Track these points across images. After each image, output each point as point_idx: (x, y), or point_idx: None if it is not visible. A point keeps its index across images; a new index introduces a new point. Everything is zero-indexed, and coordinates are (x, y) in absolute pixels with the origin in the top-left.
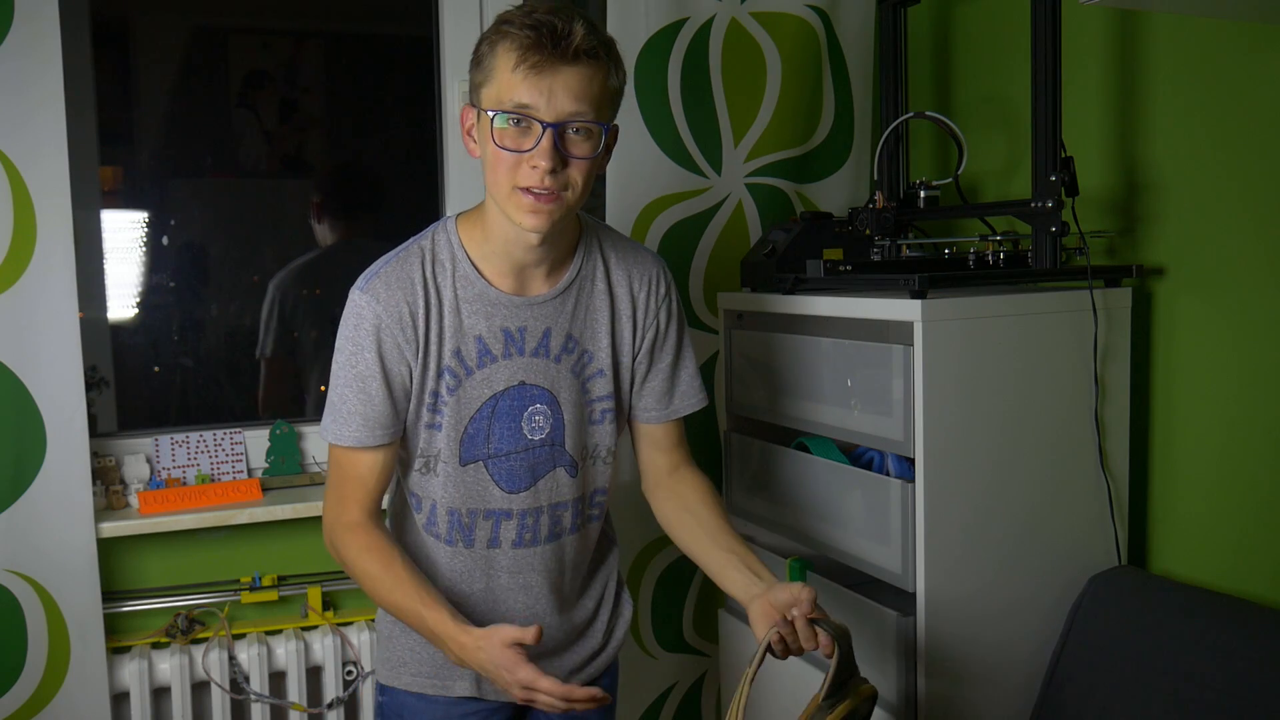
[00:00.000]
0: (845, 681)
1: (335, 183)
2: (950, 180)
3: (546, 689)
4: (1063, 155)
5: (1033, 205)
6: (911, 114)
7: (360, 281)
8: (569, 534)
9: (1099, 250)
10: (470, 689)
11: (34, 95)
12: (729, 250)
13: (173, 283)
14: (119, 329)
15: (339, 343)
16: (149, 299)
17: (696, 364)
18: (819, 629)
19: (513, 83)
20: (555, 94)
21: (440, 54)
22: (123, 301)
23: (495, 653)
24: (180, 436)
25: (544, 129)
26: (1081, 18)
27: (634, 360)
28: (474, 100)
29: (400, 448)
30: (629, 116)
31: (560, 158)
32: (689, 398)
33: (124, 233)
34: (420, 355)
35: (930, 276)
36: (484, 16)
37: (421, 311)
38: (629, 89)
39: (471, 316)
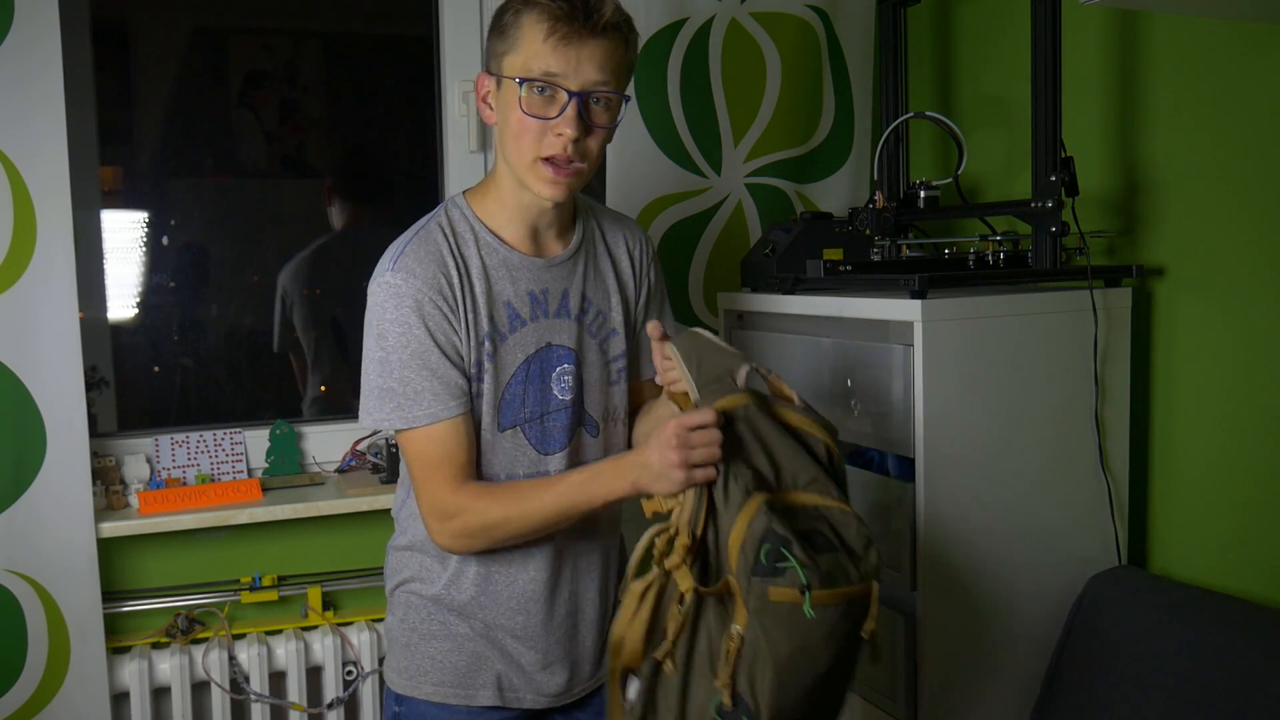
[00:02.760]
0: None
1: (345, 169)
2: (950, 180)
3: (699, 419)
4: (1063, 155)
5: (1033, 205)
6: (911, 114)
7: (386, 264)
8: None
9: (1099, 250)
10: (493, 698)
11: (34, 95)
12: (729, 250)
13: (173, 283)
14: (119, 329)
15: (381, 329)
16: (149, 299)
17: None
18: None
19: (542, 52)
20: (582, 64)
21: (440, 54)
22: (123, 301)
23: (664, 430)
24: (180, 436)
25: (570, 98)
26: (1081, 18)
27: (636, 314)
28: (493, 68)
29: None
30: (629, 116)
31: (584, 126)
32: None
33: (124, 233)
34: (462, 324)
35: (930, 276)
36: (484, 16)
37: (456, 280)
38: (628, 90)
39: (500, 282)
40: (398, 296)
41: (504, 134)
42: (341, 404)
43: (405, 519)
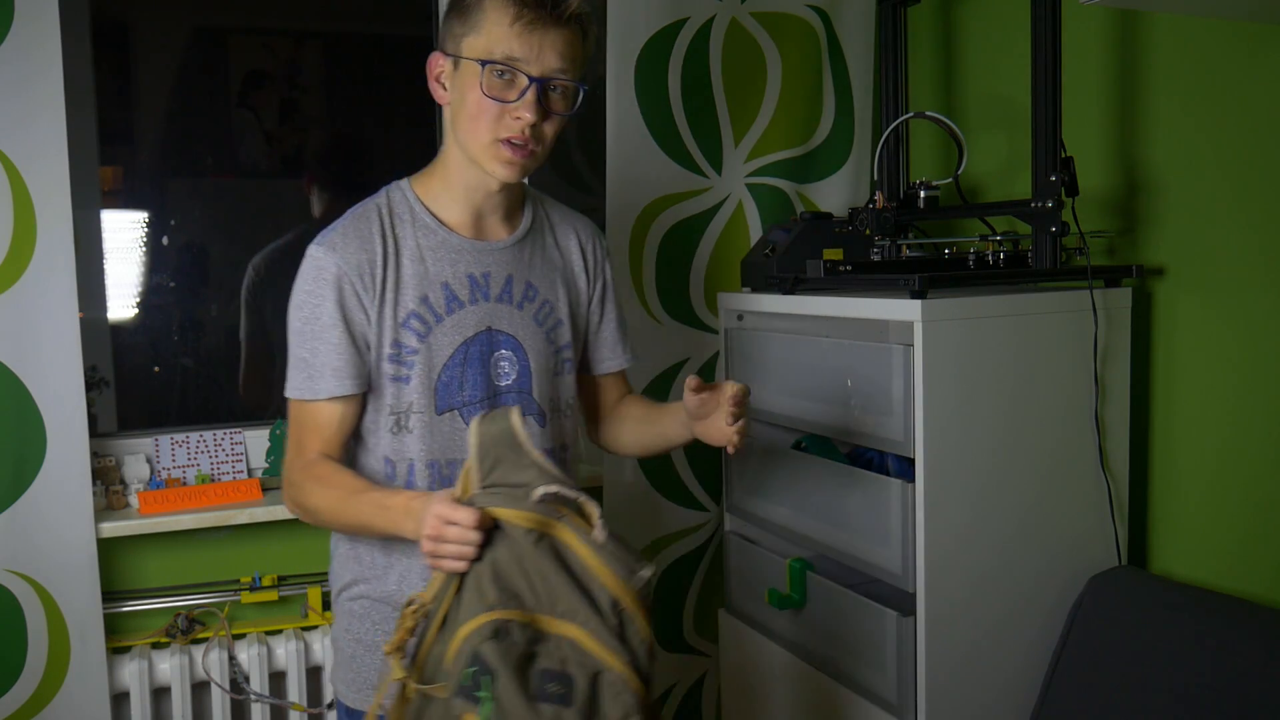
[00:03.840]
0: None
1: (328, 162)
2: (950, 180)
3: (460, 517)
4: (1063, 155)
5: (1033, 205)
6: (911, 114)
7: (317, 238)
8: None
9: (1099, 250)
10: None
11: (34, 95)
12: (729, 250)
13: (173, 283)
14: (119, 329)
15: (297, 299)
16: (149, 299)
17: None
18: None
19: (506, 36)
20: (544, 51)
21: None
22: (123, 301)
23: (434, 500)
24: (180, 436)
25: (530, 83)
26: (1081, 18)
27: (588, 309)
28: (450, 49)
29: (368, 413)
30: (629, 116)
31: (542, 111)
32: (629, 345)
33: (124, 233)
34: (378, 305)
35: (930, 276)
36: None
37: (380, 261)
38: (629, 88)
39: (437, 264)
40: (316, 270)
41: (459, 114)
42: None
43: None
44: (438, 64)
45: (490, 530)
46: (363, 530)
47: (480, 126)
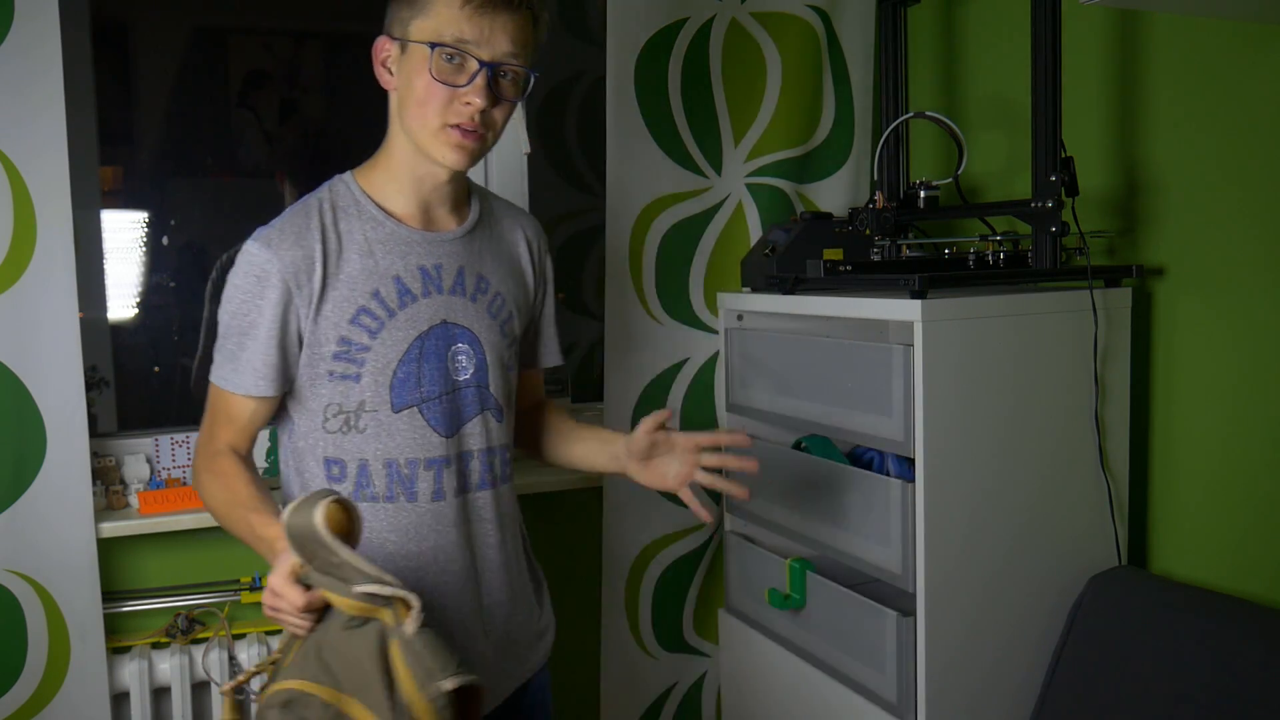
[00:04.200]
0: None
1: (299, 155)
2: (950, 180)
3: (290, 597)
4: (1063, 155)
5: (1033, 205)
6: (911, 114)
7: (254, 234)
8: (501, 485)
9: (1099, 250)
10: None
11: (34, 95)
12: (729, 250)
13: (173, 283)
14: (119, 329)
15: (229, 293)
16: (149, 299)
17: None
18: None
19: (456, 19)
20: (495, 35)
21: None
22: (123, 301)
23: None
24: (180, 436)
25: (481, 67)
26: (1081, 18)
27: (532, 303)
28: (397, 33)
29: (302, 415)
30: (629, 116)
31: (492, 97)
32: (558, 341)
33: (124, 233)
34: (317, 303)
35: (930, 276)
36: None
37: (319, 260)
38: (629, 88)
39: (387, 257)
40: (249, 265)
41: (406, 100)
42: None
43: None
44: (384, 49)
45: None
46: (243, 541)
47: (428, 111)
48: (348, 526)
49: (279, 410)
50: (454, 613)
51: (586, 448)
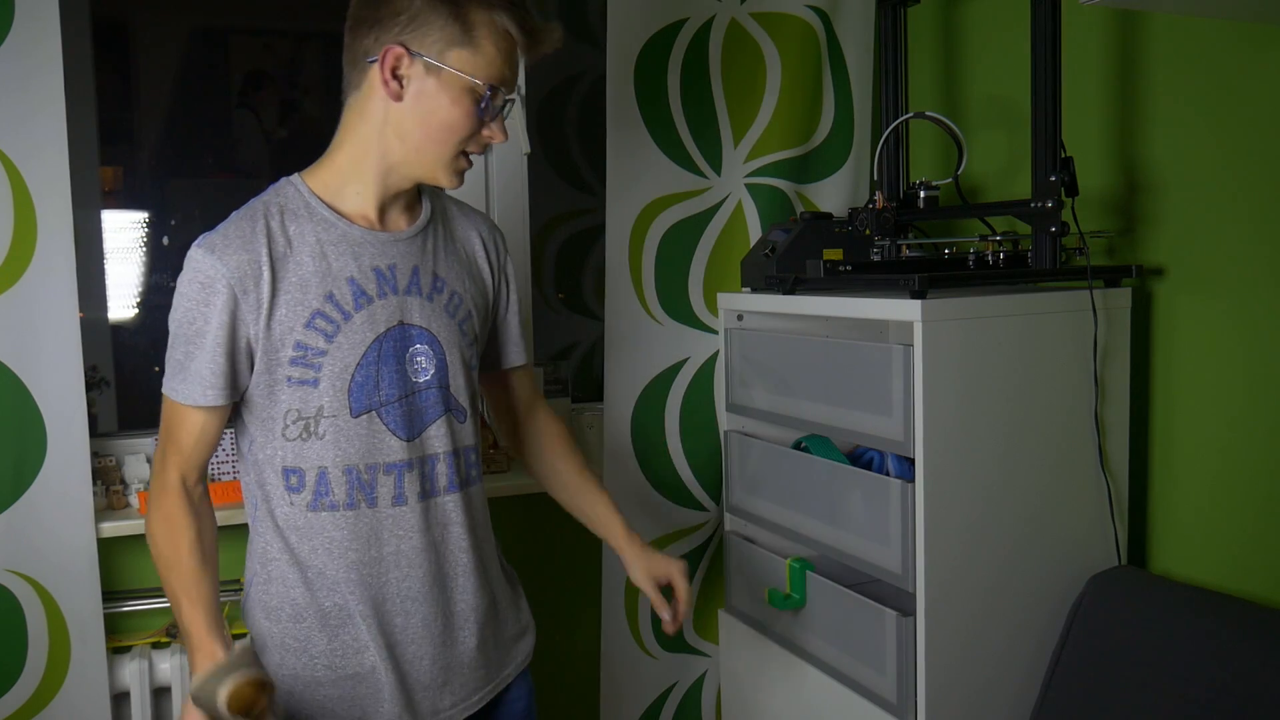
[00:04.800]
0: None
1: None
2: (950, 180)
3: None
4: (1063, 155)
5: (1033, 205)
6: (911, 114)
7: (199, 239)
8: (468, 487)
9: (1099, 250)
10: None
11: (34, 95)
12: (729, 250)
13: (173, 283)
14: (119, 329)
15: (176, 300)
16: (149, 299)
17: None
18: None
19: (502, 63)
20: (517, 76)
21: None
22: (123, 301)
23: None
24: None
25: (504, 105)
26: (1081, 18)
27: (493, 303)
28: (423, 50)
29: (257, 424)
30: (629, 116)
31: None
32: (525, 342)
33: (124, 233)
34: (267, 309)
35: (930, 276)
36: None
37: (267, 264)
38: (629, 88)
39: (340, 259)
40: (194, 271)
41: (427, 121)
42: None
43: (256, 520)
44: (400, 59)
45: None
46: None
47: (453, 139)
48: (255, 704)
49: (237, 425)
50: (420, 619)
51: (588, 510)
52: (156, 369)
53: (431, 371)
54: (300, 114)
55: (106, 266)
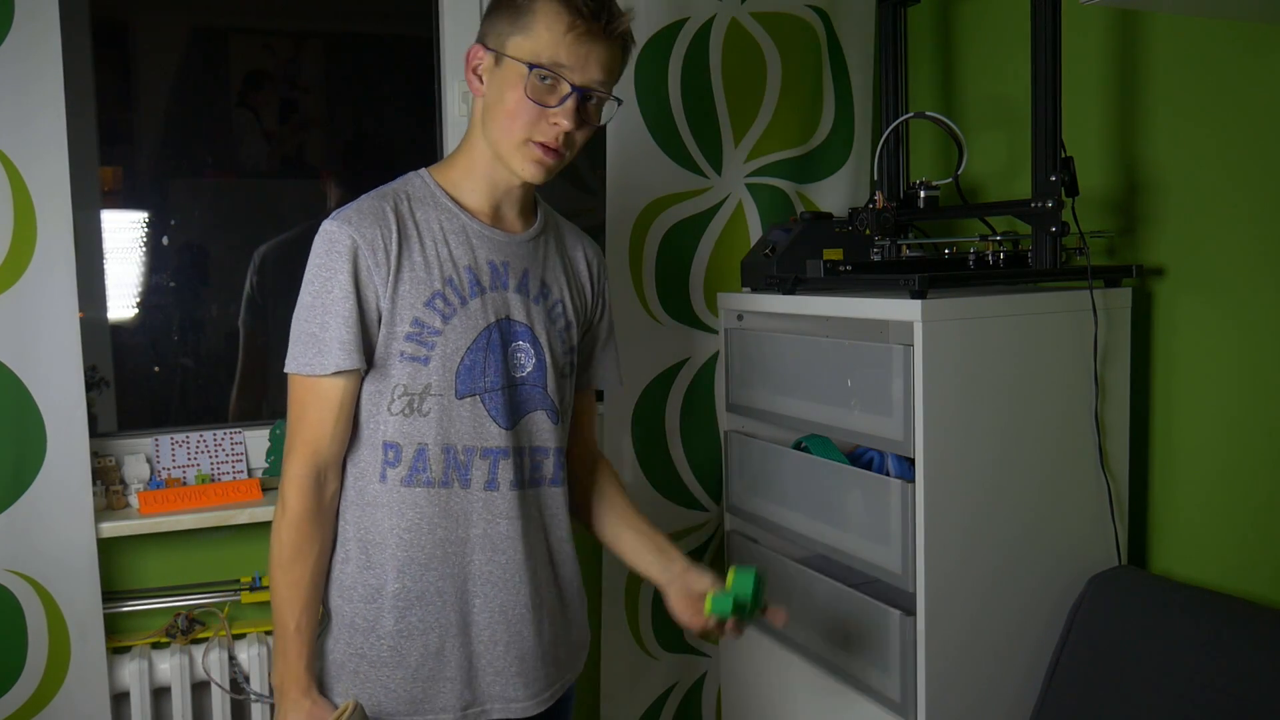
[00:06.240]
0: None
1: (344, 163)
2: (950, 180)
3: None
4: (1063, 155)
5: (1033, 205)
6: (911, 114)
7: (331, 215)
8: (549, 485)
9: (1099, 250)
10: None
11: (34, 95)
12: (729, 250)
13: (173, 283)
14: (119, 329)
15: (309, 274)
16: (149, 299)
17: None
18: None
19: (556, 43)
20: (590, 62)
21: (440, 54)
22: (123, 301)
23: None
24: (180, 436)
25: (572, 91)
26: (1081, 18)
27: (589, 320)
28: (492, 44)
29: (367, 395)
30: (629, 116)
31: (578, 119)
32: (619, 367)
33: (124, 233)
34: (393, 281)
35: (930, 276)
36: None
37: (395, 239)
38: (629, 88)
39: (459, 247)
40: (329, 242)
41: (495, 110)
42: None
43: (348, 496)
44: (477, 56)
45: None
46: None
47: (516, 126)
48: None
49: None
50: (499, 604)
51: (639, 544)
52: (156, 369)
53: (530, 368)
54: (300, 114)
55: (106, 266)
